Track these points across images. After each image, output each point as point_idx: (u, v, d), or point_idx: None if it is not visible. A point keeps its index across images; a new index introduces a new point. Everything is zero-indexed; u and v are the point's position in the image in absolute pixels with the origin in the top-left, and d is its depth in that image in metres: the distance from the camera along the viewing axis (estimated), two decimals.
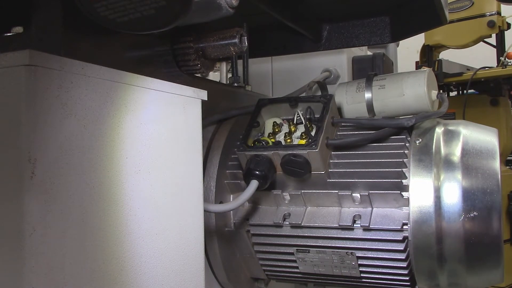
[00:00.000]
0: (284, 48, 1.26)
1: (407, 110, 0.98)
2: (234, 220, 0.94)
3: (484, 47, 3.06)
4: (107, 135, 0.54)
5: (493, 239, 0.77)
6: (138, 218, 0.58)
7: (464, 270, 0.79)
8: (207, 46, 0.85)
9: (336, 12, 1.16)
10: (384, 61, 1.51)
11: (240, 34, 0.83)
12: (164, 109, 0.64)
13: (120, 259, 0.55)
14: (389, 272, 0.86)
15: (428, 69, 1.01)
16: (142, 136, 0.60)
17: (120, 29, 0.57)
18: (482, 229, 0.77)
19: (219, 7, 0.65)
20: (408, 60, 3.07)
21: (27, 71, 0.46)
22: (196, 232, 0.70)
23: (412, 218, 0.80)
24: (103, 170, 0.53)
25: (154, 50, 0.82)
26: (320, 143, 0.85)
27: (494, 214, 0.76)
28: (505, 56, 2.70)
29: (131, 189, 0.57)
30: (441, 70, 2.74)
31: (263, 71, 1.54)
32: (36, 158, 0.45)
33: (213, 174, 0.93)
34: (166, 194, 0.64)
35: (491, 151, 0.82)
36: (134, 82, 0.59)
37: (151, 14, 0.54)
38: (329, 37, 1.21)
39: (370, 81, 1.01)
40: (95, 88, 0.53)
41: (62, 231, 0.48)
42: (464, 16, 2.86)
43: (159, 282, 0.62)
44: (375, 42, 1.17)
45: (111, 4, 0.53)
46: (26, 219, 0.45)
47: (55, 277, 0.47)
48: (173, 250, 0.64)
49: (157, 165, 0.62)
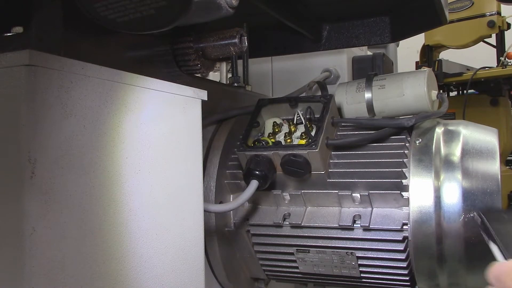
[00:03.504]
0: (284, 48, 1.26)
1: (407, 110, 0.98)
2: (234, 220, 0.94)
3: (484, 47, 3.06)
4: (107, 135, 0.54)
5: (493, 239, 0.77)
6: (138, 218, 0.58)
7: (464, 270, 0.78)
8: (207, 46, 0.85)
9: (336, 12, 1.16)
10: (384, 61, 1.51)
11: (240, 34, 0.83)
12: (164, 109, 0.64)
13: (120, 259, 0.55)
14: (389, 272, 0.86)
15: (428, 69, 1.01)
16: (142, 136, 0.60)
17: (120, 29, 0.57)
18: None
19: (219, 7, 0.65)
20: (408, 60, 3.07)
21: (27, 71, 0.46)
22: (196, 232, 0.70)
23: (412, 218, 0.80)
24: (103, 170, 0.53)
25: (154, 50, 0.82)
26: (320, 143, 0.85)
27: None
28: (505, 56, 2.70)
29: (131, 189, 0.57)
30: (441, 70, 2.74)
31: (263, 71, 1.54)
32: (36, 158, 0.45)
33: (213, 174, 0.93)
34: (166, 194, 0.64)
35: (491, 151, 0.82)
36: (134, 82, 0.59)
37: (151, 14, 0.54)
38: (329, 37, 1.21)
39: (370, 81, 1.01)
40: (95, 88, 0.53)
41: (62, 231, 0.48)
42: (464, 16, 2.86)
43: (159, 282, 0.62)
44: (375, 42, 1.17)
45: (111, 4, 0.54)
46: (26, 219, 0.45)
47: (55, 277, 0.47)
48: (173, 250, 0.64)
49: (157, 165, 0.62)
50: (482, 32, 2.85)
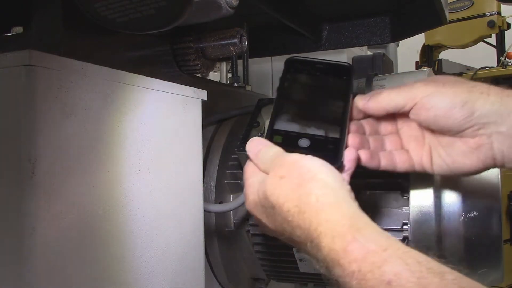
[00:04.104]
0: (284, 48, 1.26)
1: None
2: (234, 220, 0.94)
3: (484, 47, 3.07)
4: (107, 135, 0.54)
5: (493, 239, 0.77)
6: (138, 218, 0.58)
7: (464, 270, 0.78)
8: (207, 46, 0.85)
9: (336, 12, 1.16)
10: (384, 61, 1.51)
11: (240, 34, 0.83)
12: (164, 109, 0.64)
13: (120, 259, 0.55)
14: None
15: (428, 69, 1.01)
16: (142, 136, 0.60)
17: (120, 29, 0.57)
18: (482, 229, 0.77)
19: (219, 7, 0.65)
20: (408, 60, 3.07)
21: (27, 71, 0.46)
22: (196, 232, 0.70)
23: (412, 218, 0.80)
24: (103, 170, 0.53)
25: (154, 50, 0.82)
26: None
27: (494, 214, 0.76)
28: (505, 56, 2.70)
29: (131, 189, 0.57)
30: (441, 70, 2.75)
31: (263, 71, 1.54)
32: (36, 158, 0.45)
33: (213, 174, 0.93)
34: (166, 194, 0.64)
35: None
36: (134, 82, 0.59)
37: (151, 14, 0.54)
38: (329, 37, 1.21)
39: (370, 81, 1.01)
40: (95, 88, 0.53)
41: (62, 231, 0.48)
42: (464, 16, 2.87)
43: (159, 282, 0.62)
44: (375, 42, 1.17)
45: (111, 4, 0.54)
46: (26, 219, 0.45)
47: (55, 277, 0.47)
48: (173, 250, 0.64)
49: (157, 165, 0.62)
50: (482, 32, 2.85)
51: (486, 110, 0.54)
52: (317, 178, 0.51)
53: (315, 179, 0.50)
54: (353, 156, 0.57)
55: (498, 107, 0.54)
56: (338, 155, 0.57)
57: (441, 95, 0.56)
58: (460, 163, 0.59)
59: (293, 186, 0.51)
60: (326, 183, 0.50)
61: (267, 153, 0.56)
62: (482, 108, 0.54)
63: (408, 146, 0.63)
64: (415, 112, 0.58)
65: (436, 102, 0.56)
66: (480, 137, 0.56)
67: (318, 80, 0.66)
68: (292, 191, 0.50)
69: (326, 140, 0.58)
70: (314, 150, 0.57)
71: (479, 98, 0.54)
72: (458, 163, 0.59)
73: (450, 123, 0.56)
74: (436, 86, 0.56)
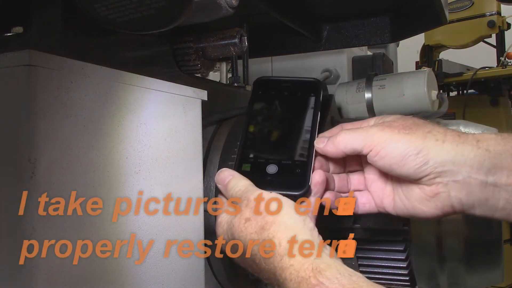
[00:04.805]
0: (284, 48, 1.26)
1: (407, 110, 0.98)
2: None
3: (484, 47, 3.07)
4: (107, 135, 0.54)
5: (493, 239, 0.77)
6: (138, 218, 0.58)
7: (464, 270, 0.78)
8: (207, 46, 0.85)
9: (336, 12, 1.16)
10: (384, 61, 1.51)
11: (240, 34, 0.83)
12: (164, 109, 0.64)
13: (120, 259, 0.55)
14: (389, 272, 0.86)
15: (428, 69, 1.01)
16: (142, 136, 0.60)
17: (120, 29, 0.57)
18: (482, 229, 0.77)
19: (219, 7, 0.65)
20: (408, 60, 3.07)
21: (27, 71, 0.45)
22: (196, 232, 0.70)
23: (412, 218, 0.80)
24: (103, 170, 0.53)
25: (154, 50, 0.82)
26: None
27: None
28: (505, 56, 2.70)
29: (131, 189, 0.57)
30: (441, 70, 2.74)
31: (263, 71, 1.54)
32: (36, 158, 0.45)
33: (213, 174, 0.93)
34: (166, 194, 0.63)
35: None
36: (134, 82, 0.59)
37: (151, 14, 0.54)
38: (329, 37, 1.21)
39: (370, 81, 1.01)
40: (95, 88, 0.53)
41: (62, 231, 0.48)
42: (464, 16, 2.86)
43: (159, 282, 0.62)
44: (375, 42, 1.17)
45: (111, 4, 0.53)
46: (26, 219, 0.45)
47: (55, 278, 0.47)
48: (174, 250, 0.64)
49: (157, 165, 0.62)
50: (482, 32, 2.85)
51: (441, 159, 0.53)
52: (279, 221, 0.53)
53: (277, 222, 0.53)
54: (320, 179, 0.59)
55: (453, 155, 0.53)
56: (306, 180, 0.58)
57: (395, 142, 0.55)
58: (418, 209, 0.58)
59: (257, 229, 0.53)
60: (287, 226, 0.52)
61: (236, 186, 0.59)
62: (437, 157, 0.53)
63: (370, 187, 0.64)
64: (371, 159, 0.57)
65: (390, 150, 0.55)
66: (436, 185, 0.54)
67: (286, 100, 0.67)
68: (256, 234, 0.53)
69: (293, 165, 0.60)
70: (281, 176, 0.59)
71: (434, 146, 0.53)
72: (416, 209, 0.58)
73: (405, 171, 0.55)
74: (391, 132, 0.56)
